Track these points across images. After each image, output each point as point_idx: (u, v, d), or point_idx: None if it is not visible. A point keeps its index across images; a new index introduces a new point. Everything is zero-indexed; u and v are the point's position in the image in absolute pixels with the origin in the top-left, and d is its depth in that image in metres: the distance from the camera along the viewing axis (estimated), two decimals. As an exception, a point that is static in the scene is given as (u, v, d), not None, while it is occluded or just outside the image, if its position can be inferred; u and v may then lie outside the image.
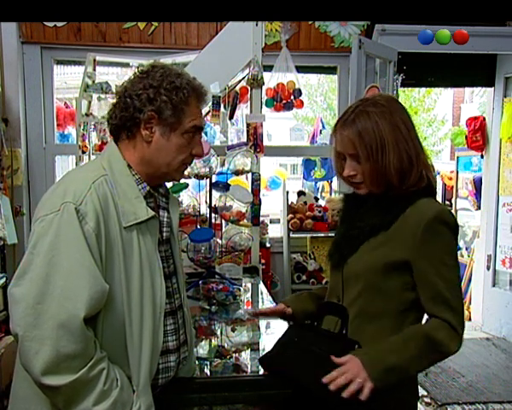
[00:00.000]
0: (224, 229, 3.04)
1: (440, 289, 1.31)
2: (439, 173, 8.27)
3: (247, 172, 2.97)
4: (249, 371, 1.75)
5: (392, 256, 1.34)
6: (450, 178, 6.68)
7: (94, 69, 3.58)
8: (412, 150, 1.37)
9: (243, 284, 2.84)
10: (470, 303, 5.31)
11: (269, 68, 3.72)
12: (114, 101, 1.36)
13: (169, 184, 1.67)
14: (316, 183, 5.83)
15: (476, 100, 13.47)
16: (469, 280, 5.39)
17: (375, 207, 1.39)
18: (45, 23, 3.67)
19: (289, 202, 4.19)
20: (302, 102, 3.89)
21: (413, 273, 1.35)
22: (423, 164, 1.39)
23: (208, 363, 1.78)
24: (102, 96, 3.46)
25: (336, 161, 1.48)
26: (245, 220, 2.97)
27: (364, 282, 1.38)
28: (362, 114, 1.37)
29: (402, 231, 1.34)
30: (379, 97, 1.44)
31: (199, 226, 2.91)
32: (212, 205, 2.90)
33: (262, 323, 2.26)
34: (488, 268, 4.93)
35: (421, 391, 3.60)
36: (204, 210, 2.97)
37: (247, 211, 2.96)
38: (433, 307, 1.34)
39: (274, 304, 2.50)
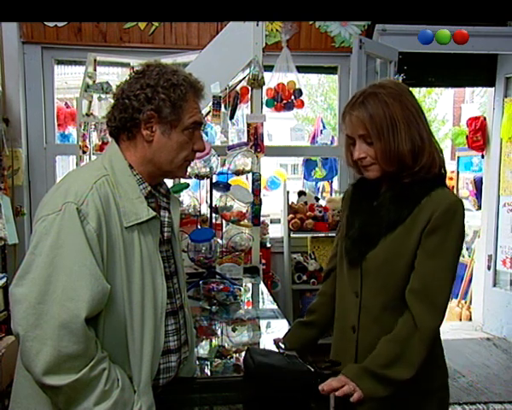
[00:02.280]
0: (224, 229, 3.04)
1: (426, 283, 1.32)
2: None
3: (248, 172, 2.97)
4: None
5: (410, 248, 1.35)
6: (451, 178, 6.67)
7: (94, 69, 3.58)
8: (423, 130, 1.37)
9: (244, 284, 2.84)
10: (471, 303, 5.30)
11: (269, 68, 3.72)
12: (112, 103, 1.36)
13: (169, 184, 1.68)
14: (316, 183, 5.83)
15: (477, 100, 13.45)
16: (470, 280, 5.39)
17: (390, 202, 1.39)
18: (46, 23, 3.67)
19: (290, 202, 4.19)
20: (303, 103, 3.89)
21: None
22: (434, 147, 1.39)
23: (209, 363, 1.78)
24: (103, 96, 3.46)
25: (346, 149, 1.46)
26: (245, 220, 2.97)
27: (385, 276, 1.39)
28: (370, 95, 1.37)
29: (417, 223, 1.34)
30: (386, 81, 1.45)
31: (199, 226, 2.92)
32: (213, 205, 2.91)
33: (262, 323, 2.26)
34: (489, 268, 4.93)
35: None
36: (204, 210, 2.97)
37: (247, 211, 2.96)
38: (412, 297, 1.34)
39: (275, 305, 2.51)
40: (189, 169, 2.33)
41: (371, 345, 1.39)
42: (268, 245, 4.02)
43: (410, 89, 1.46)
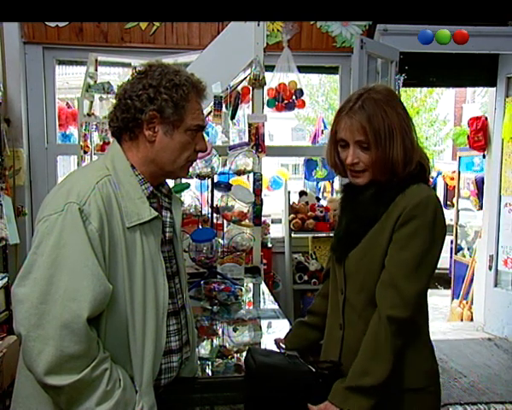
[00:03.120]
0: (225, 229, 3.04)
1: (394, 275, 1.32)
2: (440, 174, 8.25)
3: (249, 172, 2.97)
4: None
5: (383, 245, 1.36)
6: (452, 179, 6.68)
7: (96, 69, 3.58)
8: (413, 137, 1.38)
9: (245, 284, 2.83)
10: (472, 303, 5.30)
11: (270, 68, 3.72)
12: (114, 103, 1.36)
13: (171, 185, 1.68)
14: (317, 183, 5.82)
15: (478, 100, 13.45)
16: (471, 280, 5.38)
17: (369, 200, 1.40)
18: (47, 23, 3.68)
19: (291, 202, 4.19)
20: (304, 102, 3.89)
21: None
22: (418, 149, 1.40)
23: (210, 363, 1.78)
24: (104, 96, 3.47)
25: (332, 150, 1.46)
26: (246, 220, 2.97)
27: (364, 274, 1.40)
28: (369, 100, 1.37)
29: (390, 220, 1.35)
30: (378, 86, 1.44)
31: (200, 226, 2.92)
32: (214, 205, 2.91)
33: (263, 323, 2.26)
34: (490, 268, 4.92)
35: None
36: (206, 210, 2.97)
37: (248, 211, 2.96)
38: (379, 290, 1.34)
39: (276, 305, 2.51)
40: (190, 169, 2.34)
41: (356, 342, 1.40)
42: (269, 245, 4.02)
43: (412, 89, 1.48)
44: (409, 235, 1.32)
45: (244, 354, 1.58)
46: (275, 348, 1.71)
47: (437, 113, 13.00)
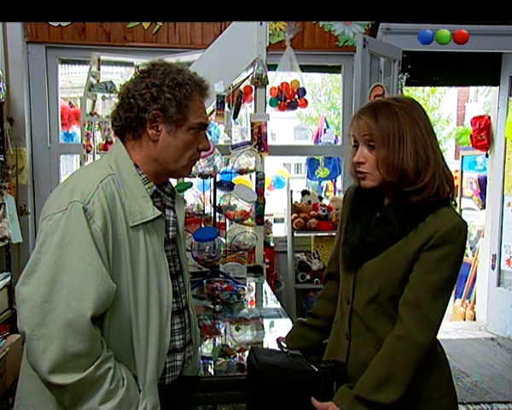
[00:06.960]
0: (228, 228, 3.04)
1: (420, 296, 1.30)
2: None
3: (251, 171, 2.97)
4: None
5: (406, 260, 1.33)
6: (455, 178, 6.66)
7: (98, 68, 3.59)
8: (430, 151, 1.34)
9: (247, 284, 2.84)
10: (475, 303, 5.29)
11: (273, 67, 3.72)
12: (117, 102, 1.36)
13: (173, 183, 1.68)
14: (320, 182, 5.82)
15: (481, 99, 13.39)
16: (474, 280, 5.37)
17: (395, 215, 1.37)
18: (50, 23, 3.68)
19: (293, 202, 4.19)
20: (306, 102, 3.89)
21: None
22: (442, 172, 1.36)
23: (212, 362, 1.78)
24: (107, 95, 3.48)
25: (351, 156, 1.44)
26: (249, 219, 2.97)
27: (379, 286, 1.37)
28: (383, 104, 1.37)
29: (418, 238, 1.32)
30: (402, 96, 1.45)
31: (203, 225, 2.92)
32: (217, 204, 2.91)
33: (266, 322, 2.26)
34: (493, 268, 4.91)
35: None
36: (208, 209, 2.97)
37: (251, 210, 2.96)
38: (403, 309, 1.32)
39: (279, 304, 2.51)
40: (192, 168, 2.34)
41: (364, 354, 1.39)
42: (271, 244, 4.02)
43: (414, 88, 1.46)
44: (439, 259, 1.30)
45: (246, 353, 1.58)
46: (277, 348, 1.72)
47: (440, 112, 12.97)
